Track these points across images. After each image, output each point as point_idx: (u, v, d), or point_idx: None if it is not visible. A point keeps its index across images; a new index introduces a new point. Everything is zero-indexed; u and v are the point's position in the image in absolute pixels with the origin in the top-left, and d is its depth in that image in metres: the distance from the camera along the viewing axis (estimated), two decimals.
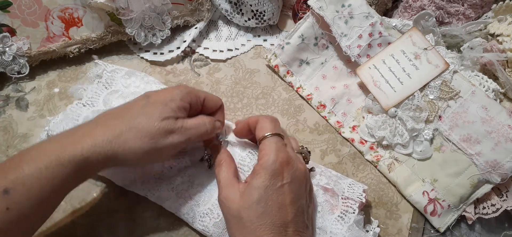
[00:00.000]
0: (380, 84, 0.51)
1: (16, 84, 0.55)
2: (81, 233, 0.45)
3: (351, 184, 0.44)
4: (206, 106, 0.42)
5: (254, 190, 0.35)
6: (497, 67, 0.51)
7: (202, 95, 0.41)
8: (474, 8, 0.55)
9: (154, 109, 0.37)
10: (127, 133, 0.35)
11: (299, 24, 0.54)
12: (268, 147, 0.37)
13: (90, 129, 0.36)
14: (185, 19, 0.58)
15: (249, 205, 0.35)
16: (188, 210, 0.43)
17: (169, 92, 0.39)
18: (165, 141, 0.36)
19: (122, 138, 0.35)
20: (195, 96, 0.40)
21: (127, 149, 0.35)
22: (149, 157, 0.37)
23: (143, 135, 0.35)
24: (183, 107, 0.38)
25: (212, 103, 0.42)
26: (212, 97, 0.42)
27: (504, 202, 0.47)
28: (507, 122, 0.47)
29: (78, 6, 0.52)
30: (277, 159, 0.35)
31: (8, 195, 0.31)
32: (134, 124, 0.36)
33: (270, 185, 0.35)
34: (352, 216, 0.41)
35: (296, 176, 0.36)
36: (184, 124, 0.38)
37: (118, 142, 0.35)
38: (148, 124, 0.36)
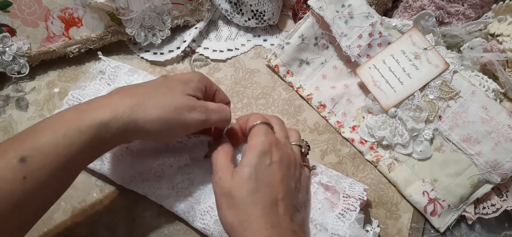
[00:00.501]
0: (380, 84, 0.51)
1: (16, 84, 0.55)
2: (81, 233, 0.45)
3: (351, 183, 0.44)
4: (216, 98, 0.42)
5: (245, 168, 0.35)
6: (497, 67, 0.51)
7: (215, 87, 0.42)
8: (474, 8, 0.55)
9: (176, 85, 0.37)
10: (149, 102, 0.35)
11: (299, 24, 0.54)
12: (257, 131, 0.38)
13: (110, 97, 0.36)
14: (185, 19, 0.58)
15: (240, 183, 0.35)
16: (188, 209, 0.43)
17: (187, 74, 0.40)
18: (188, 116, 0.36)
19: (143, 106, 0.35)
20: (210, 83, 0.41)
21: (149, 116, 0.35)
22: (169, 129, 0.37)
23: (167, 105, 0.36)
24: (200, 89, 0.39)
25: (222, 96, 0.43)
26: (222, 92, 0.44)
27: (504, 202, 0.47)
28: (507, 122, 0.47)
29: (78, 6, 0.52)
30: (266, 139, 0.37)
31: (25, 163, 0.30)
32: (156, 95, 0.36)
33: (259, 163, 0.35)
34: (353, 214, 0.41)
35: (284, 157, 0.37)
36: (206, 104, 0.38)
37: (139, 110, 0.34)
38: (171, 96, 0.36)
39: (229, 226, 0.35)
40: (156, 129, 0.35)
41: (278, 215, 0.35)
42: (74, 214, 0.45)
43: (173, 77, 0.40)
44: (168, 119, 0.36)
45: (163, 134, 0.37)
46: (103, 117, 0.33)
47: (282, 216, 0.35)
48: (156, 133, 0.36)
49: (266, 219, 0.34)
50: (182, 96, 0.37)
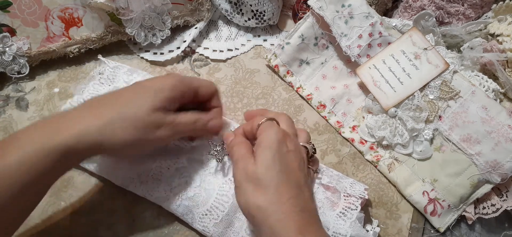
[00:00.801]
0: (380, 84, 0.51)
1: (16, 84, 0.55)
2: (81, 233, 0.45)
3: (352, 183, 0.44)
4: (200, 94, 0.41)
5: (266, 151, 0.35)
6: (497, 67, 0.51)
7: (195, 84, 0.41)
8: (474, 8, 0.55)
9: (145, 99, 0.36)
10: (117, 122, 0.35)
11: (299, 24, 0.54)
12: (268, 125, 0.38)
13: (79, 115, 0.36)
14: (185, 19, 0.58)
15: (266, 165, 0.34)
16: (187, 211, 0.43)
17: (160, 81, 0.38)
18: (154, 134, 0.37)
19: (111, 127, 0.35)
20: (187, 86, 0.39)
21: (115, 139, 0.35)
22: (134, 148, 0.37)
23: (133, 125, 0.35)
24: (173, 98, 0.38)
25: (205, 90, 0.42)
26: (205, 84, 0.42)
27: (504, 202, 0.47)
28: (507, 122, 0.47)
29: (78, 6, 0.52)
30: (279, 130, 0.37)
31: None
32: (124, 113, 0.35)
33: (278, 150, 0.35)
34: (354, 213, 0.42)
35: (296, 149, 0.37)
36: (175, 119, 0.38)
37: (107, 131, 0.34)
38: (138, 114, 0.36)
39: (256, 209, 0.34)
40: (121, 148, 0.36)
41: (305, 199, 0.35)
42: (74, 214, 0.45)
43: (145, 84, 0.39)
44: (133, 140, 0.36)
45: (127, 151, 0.39)
46: (69, 140, 0.33)
47: (308, 201, 0.35)
48: (120, 151, 0.37)
49: (295, 202, 0.33)
50: (150, 114, 0.36)
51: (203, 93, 0.41)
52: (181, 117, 0.39)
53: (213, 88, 0.42)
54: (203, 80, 0.42)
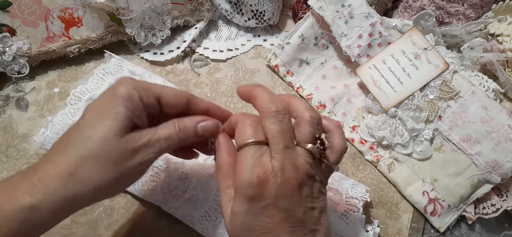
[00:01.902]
0: (380, 84, 0.51)
1: (16, 84, 0.54)
2: (81, 233, 0.45)
3: (353, 184, 0.44)
4: (164, 104, 0.32)
5: (236, 216, 0.29)
6: (497, 67, 0.51)
7: (157, 91, 0.32)
8: (474, 8, 0.55)
9: (105, 125, 0.29)
10: (83, 167, 0.28)
11: (299, 24, 0.54)
12: (243, 161, 0.28)
13: (40, 170, 0.28)
14: (185, 19, 0.58)
15: (236, 232, 0.29)
16: (186, 213, 0.43)
17: (114, 95, 0.30)
18: (131, 164, 0.29)
19: (78, 175, 0.28)
20: (146, 92, 0.31)
21: (85, 188, 0.28)
22: (119, 185, 0.31)
23: (101, 164, 0.28)
24: (137, 108, 0.30)
25: (170, 99, 0.32)
26: (171, 92, 0.33)
27: (504, 202, 0.47)
28: (507, 122, 0.47)
29: (78, 6, 0.52)
30: (253, 179, 0.27)
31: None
32: (88, 152, 0.28)
33: (250, 209, 0.28)
34: (356, 215, 0.41)
35: (281, 192, 0.28)
36: (153, 136, 0.30)
37: (75, 181, 0.28)
38: (104, 148, 0.28)
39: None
40: (102, 194, 0.30)
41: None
42: (74, 214, 0.45)
43: (100, 106, 0.30)
44: (109, 182, 0.29)
45: (113, 192, 0.32)
46: (32, 200, 0.27)
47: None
48: (104, 196, 0.31)
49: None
50: (118, 142, 0.28)
51: (168, 104, 0.32)
52: (161, 131, 0.31)
53: (182, 97, 0.33)
54: (168, 88, 0.33)
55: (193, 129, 0.32)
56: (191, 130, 0.32)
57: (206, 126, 0.33)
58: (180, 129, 0.32)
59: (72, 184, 0.28)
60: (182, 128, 0.32)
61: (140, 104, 0.30)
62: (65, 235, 0.44)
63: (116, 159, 0.28)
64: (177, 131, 0.31)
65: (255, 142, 0.29)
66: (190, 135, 0.32)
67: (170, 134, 0.31)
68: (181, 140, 0.32)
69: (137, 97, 0.30)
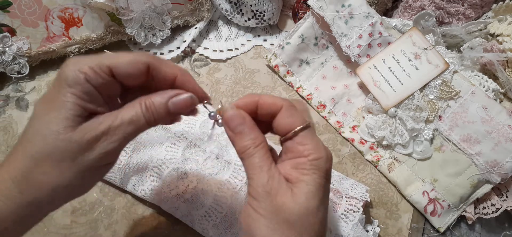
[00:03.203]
0: (380, 84, 0.51)
1: (16, 84, 0.54)
2: (81, 233, 0.45)
3: (353, 184, 0.44)
4: (120, 75, 0.27)
5: (313, 189, 0.26)
6: (497, 67, 0.51)
7: (107, 62, 0.26)
8: (474, 8, 0.55)
9: (54, 119, 0.25)
10: (36, 168, 0.24)
11: (299, 24, 0.54)
12: (313, 141, 0.27)
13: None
14: (185, 19, 0.58)
15: (309, 209, 0.26)
16: (186, 213, 0.43)
17: (59, 80, 0.25)
18: (92, 155, 0.25)
19: (32, 178, 0.24)
20: (93, 70, 0.25)
21: (47, 189, 0.25)
22: (84, 183, 0.27)
23: (58, 161, 0.24)
24: (88, 92, 0.25)
25: (125, 68, 0.26)
26: (125, 59, 0.27)
27: (504, 202, 0.47)
28: (507, 122, 0.47)
29: (78, 6, 0.52)
30: (328, 157, 0.27)
31: None
32: (39, 151, 0.24)
33: (325, 187, 0.27)
34: (356, 215, 0.42)
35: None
36: (112, 122, 0.25)
37: (30, 185, 0.24)
38: (56, 143, 0.24)
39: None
40: (66, 194, 0.26)
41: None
42: (74, 214, 0.45)
43: (46, 97, 0.26)
44: (69, 182, 0.25)
45: (79, 191, 0.28)
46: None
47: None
48: (69, 197, 0.27)
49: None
50: (70, 136, 0.24)
51: (122, 75, 0.27)
52: (124, 113, 0.26)
53: (138, 64, 0.27)
54: (121, 55, 0.27)
55: (163, 106, 0.27)
56: (162, 108, 0.27)
57: (179, 101, 0.27)
58: (148, 108, 0.26)
59: (26, 189, 0.24)
60: (149, 107, 0.27)
61: (89, 87, 0.25)
62: (65, 235, 0.44)
63: (72, 154, 0.24)
64: (144, 111, 0.26)
65: (311, 123, 0.28)
66: (161, 115, 0.27)
67: (135, 115, 0.26)
68: (150, 122, 0.27)
69: (83, 79, 0.25)
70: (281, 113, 0.28)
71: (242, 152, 0.27)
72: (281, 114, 0.28)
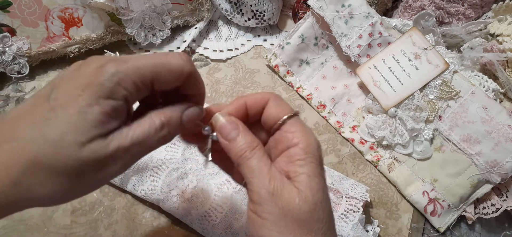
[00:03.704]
0: (380, 84, 0.51)
1: (16, 84, 0.54)
2: (81, 233, 0.45)
3: (353, 184, 0.44)
4: (159, 82, 0.24)
5: (316, 178, 0.25)
6: (497, 67, 0.51)
7: (149, 76, 0.23)
8: (474, 8, 0.55)
9: (66, 124, 0.21)
10: (30, 176, 0.21)
11: (299, 24, 0.54)
12: (301, 127, 0.26)
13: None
14: (185, 19, 0.58)
15: (316, 200, 0.24)
16: (186, 213, 0.43)
17: (85, 85, 0.22)
18: (96, 177, 0.23)
19: (23, 186, 0.21)
20: (136, 85, 0.23)
21: (36, 197, 0.22)
22: (76, 195, 0.24)
23: (55, 175, 0.21)
24: (114, 108, 0.22)
25: (166, 73, 0.24)
26: (164, 61, 0.24)
27: (504, 202, 0.47)
28: (507, 122, 0.47)
29: (78, 6, 0.52)
30: (318, 143, 0.27)
31: None
32: (37, 157, 0.21)
33: (323, 176, 0.26)
34: (356, 215, 0.42)
35: None
36: (121, 142, 0.22)
37: (19, 191, 0.22)
38: (60, 156, 0.21)
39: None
40: (52, 202, 0.23)
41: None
42: (74, 214, 0.45)
43: (64, 94, 0.22)
44: (65, 193, 0.23)
45: (66, 201, 0.24)
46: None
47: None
48: (52, 205, 0.24)
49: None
50: (76, 153, 0.21)
51: (163, 85, 0.24)
52: (135, 132, 0.23)
53: (183, 73, 0.25)
54: (163, 64, 0.24)
55: (178, 120, 0.25)
56: (177, 122, 0.25)
57: (191, 114, 0.26)
58: (164, 124, 0.24)
59: (13, 193, 0.21)
60: (167, 123, 0.24)
61: (123, 106, 0.22)
62: (65, 235, 0.44)
63: (73, 172, 0.22)
64: (158, 128, 0.24)
65: (295, 113, 0.27)
66: (176, 130, 0.25)
67: (148, 134, 0.23)
68: (163, 140, 0.25)
69: (122, 97, 0.22)
70: (269, 105, 0.28)
71: (238, 156, 0.26)
72: (268, 106, 0.28)
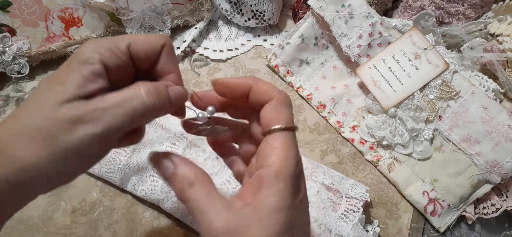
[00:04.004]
0: (380, 84, 0.51)
1: (16, 84, 0.54)
2: (81, 233, 0.45)
3: (353, 184, 0.45)
4: (138, 57, 0.25)
5: (279, 212, 0.22)
6: (497, 67, 0.51)
7: (124, 43, 0.24)
8: (474, 8, 0.55)
9: (49, 93, 0.22)
10: (12, 143, 0.22)
11: (299, 24, 0.54)
12: (285, 146, 0.24)
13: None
14: (185, 19, 0.58)
15: (273, 235, 0.22)
16: (186, 213, 0.43)
17: (71, 60, 0.23)
18: (72, 137, 0.22)
19: (6, 152, 0.22)
20: (111, 51, 0.23)
21: (18, 165, 0.22)
22: (63, 169, 0.23)
23: (34, 137, 0.22)
24: (94, 73, 0.23)
25: (146, 47, 0.25)
26: (145, 39, 0.25)
27: (504, 202, 0.47)
28: (507, 122, 0.47)
29: (78, 6, 0.52)
30: (296, 165, 0.23)
31: None
32: (19, 126, 0.22)
33: (294, 201, 0.23)
34: (356, 215, 0.42)
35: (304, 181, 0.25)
36: (100, 103, 0.22)
37: (7, 153, 0.22)
38: (39, 117, 0.22)
39: None
40: (41, 178, 0.22)
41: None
42: (74, 214, 0.45)
43: (54, 73, 0.24)
44: (45, 158, 0.22)
45: (61, 179, 0.24)
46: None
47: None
48: (47, 184, 0.24)
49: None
50: (56, 110, 0.22)
51: (138, 53, 0.25)
52: (111, 97, 0.23)
53: (159, 42, 0.25)
54: (140, 35, 0.26)
55: (166, 93, 0.24)
56: (165, 94, 0.24)
57: (177, 91, 0.25)
58: (150, 91, 0.23)
59: (4, 155, 0.22)
60: (154, 91, 0.23)
61: (100, 68, 0.23)
62: (65, 235, 0.44)
63: (50, 132, 0.21)
64: (143, 93, 0.23)
65: (289, 128, 0.24)
66: (165, 103, 0.24)
67: (128, 96, 0.23)
68: (153, 107, 0.23)
69: (98, 59, 0.23)
70: (269, 104, 0.25)
71: (180, 195, 0.24)
72: (268, 105, 0.25)
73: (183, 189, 0.24)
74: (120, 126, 0.22)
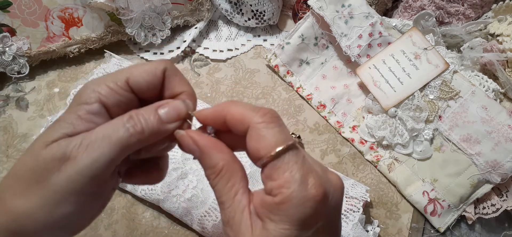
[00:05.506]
0: (380, 84, 0.51)
1: (16, 84, 0.55)
2: (81, 233, 0.45)
3: (353, 184, 0.44)
4: (140, 88, 0.24)
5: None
6: (497, 67, 0.51)
7: (122, 78, 0.23)
8: (474, 8, 0.55)
9: (42, 136, 0.22)
10: (8, 189, 0.22)
11: (299, 24, 0.54)
12: (289, 175, 0.21)
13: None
14: (185, 19, 0.58)
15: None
16: (185, 212, 0.43)
17: (72, 102, 0.23)
18: (61, 175, 0.21)
19: (4, 202, 0.21)
20: (109, 88, 0.23)
21: (14, 214, 0.21)
22: (53, 212, 0.21)
23: (26, 179, 0.21)
24: (90, 113, 0.22)
25: (146, 77, 0.24)
26: (143, 69, 0.24)
27: (504, 202, 0.47)
28: (507, 122, 0.47)
29: (78, 6, 0.52)
30: (308, 197, 0.20)
31: None
32: (15, 171, 0.22)
33: (301, 234, 0.21)
34: (356, 215, 0.42)
35: (333, 205, 0.22)
36: (85, 137, 0.21)
37: (2, 211, 0.21)
38: (30, 159, 0.22)
39: None
40: (39, 223, 0.21)
41: None
42: None
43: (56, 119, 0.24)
44: (37, 200, 0.21)
45: (57, 225, 0.22)
46: None
47: None
48: (45, 230, 0.22)
49: None
50: (41, 152, 0.21)
51: (139, 85, 0.24)
52: (97, 130, 0.22)
53: (156, 72, 0.24)
54: (138, 66, 0.24)
55: (153, 113, 0.23)
56: (151, 115, 0.23)
57: (169, 111, 0.23)
58: (131, 116, 0.22)
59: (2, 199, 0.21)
60: (136, 115, 0.22)
61: (98, 107, 0.22)
62: None
63: (39, 172, 0.21)
64: (125, 120, 0.22)
65: (290, 146, 0.21)
66: (152, 124, 0.23)
67: (113, 127, 0.22)
68: (140, 132, 0.22)
69: (95, 98, 0.22)
70: (249, 135, 0.22)
71: (207, 178, 0.24)
72: (248, 136, 0.22)
73: (208, 176, 0.23)
74: (108, 158, 0.21)
